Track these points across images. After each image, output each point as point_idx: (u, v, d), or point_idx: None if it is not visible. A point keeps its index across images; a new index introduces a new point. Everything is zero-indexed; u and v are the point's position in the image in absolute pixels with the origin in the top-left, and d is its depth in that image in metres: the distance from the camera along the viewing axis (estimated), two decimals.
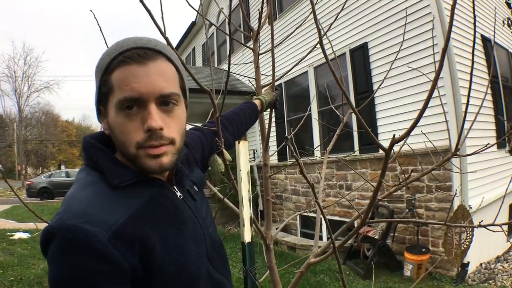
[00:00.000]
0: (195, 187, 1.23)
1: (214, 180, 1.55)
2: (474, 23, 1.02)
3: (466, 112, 1.36)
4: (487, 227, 1.21)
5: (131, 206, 0.94)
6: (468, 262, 6.13)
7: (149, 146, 0.96)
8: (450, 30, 0.86)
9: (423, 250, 6.28)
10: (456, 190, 6.00)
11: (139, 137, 0.96)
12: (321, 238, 8.74)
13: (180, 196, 1.12)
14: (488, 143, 1.60)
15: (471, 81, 1.28)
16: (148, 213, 0.97)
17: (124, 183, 0.98)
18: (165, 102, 0.99)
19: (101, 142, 1.05)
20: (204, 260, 1.10)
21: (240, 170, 1.30)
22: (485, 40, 7.72)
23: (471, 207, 5.79)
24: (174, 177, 1.14)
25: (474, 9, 0.95)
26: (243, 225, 1.31)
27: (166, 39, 1.30)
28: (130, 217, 0.92)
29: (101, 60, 1.00)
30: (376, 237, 6.77)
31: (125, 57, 0.95)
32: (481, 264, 6.73)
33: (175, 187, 1.13)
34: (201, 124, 1.63)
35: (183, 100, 1.08)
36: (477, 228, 1.20)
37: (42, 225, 0.96)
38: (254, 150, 12.55)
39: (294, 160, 6.53)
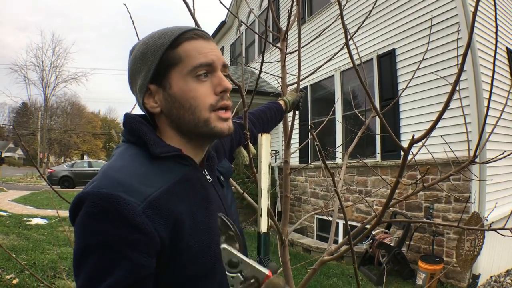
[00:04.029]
0: (221, 177, 1.28)
1: (238, 171, 1.60)
2: (496, 33, 1.06)
3: (485, 122, 1.39)
4: (498, 230, 1.24)
5: (167, 180, 0.99)
6: (479, 274, 6.10)
7: (220, 107, 1.09)
8: (472, 31, 0.90)
9: (437, 259, 6.25)
10: (472, 193, 5.99)
11: (212, 99, 1.08)
12: (336, 242, 8.75)
13: (209, 179, 1.17)
14: (505, 151, 1.62)
15: (491, 92, 1.31)
16: (181, 190, 1.01)
17: (164, 153, 1.03)
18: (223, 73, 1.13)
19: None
20: None
21: (261, 162, 1.34)
22: (510, 53, 7.64)
23: (487, 219, 5.76)
24: (205, 162, 1.20)
25: (496, 18, 0.99)
26: (260, 215, 1.33)
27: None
28: (166, 190, 0.96)
29: (157, 40, 1.08)
30: (392, 244, 6.76)
31: (192, 34, 1.08)
32: (491, 277, 6.68)
33: (205, 170, 1.18)
34: None
35: None
36: (487, 231, 1.24)
37: (62, 213, 0.99)
38: (276, 151, 12.57)
39: (316, 162, 6.56)
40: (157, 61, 1.06)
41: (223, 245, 0.79)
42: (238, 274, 0.76)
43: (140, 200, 0.89)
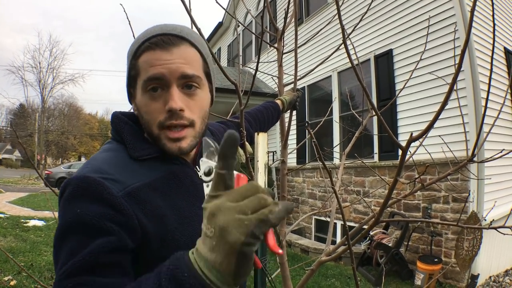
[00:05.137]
0: None
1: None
2: (494, 33, 1.05)
3: (483, 121, 1.38)
4: (497, 229, 1.24)
5: (149, 176, 1.01)
6: (478, 274, 6.10)
7: (169, 125, 1.03)
8: (469, 30, 0.89)
9: (436, 260, 6.23)
10: (470, 192, 5.99)
11: (161, 117, 1.03)
12: (334, 243, 8.73)
13: (201, 176, 1.16)
14: (503, 149, 1.62)
15: (488, 91, 1.30)
16: (164, 185, 1.02)
17: (143, 157, 1.04)
18: (187, 85, 1.06)
19: (130, 120, 1.12)
20: None
21: (258, 161, 1.34)
22: (508, 53, 7.65)
23: (485, 219, 5.77)
24: (198, 158, 1.19)
25: (493, 18, 0.98)
26: None
27: (199, 30, 1.34)
28: (147, 184, 0.98)
29: (131, 46, 1.09)
30: (390, 244, 6.76)
31: (150, 43, 1.03)
32: (490, 277, 6.67)
33: (197, 167, 1.17)
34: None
35: (207, 84, 1.15)
36: (487, 229, 1.23)
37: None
38: (273, 152, 12.57)
39: (313, 162, 6.56)
40: (128, 68, 1.08)
41: (202, 159, 0.82)
42: None
43: (119, 189, 0.91)
